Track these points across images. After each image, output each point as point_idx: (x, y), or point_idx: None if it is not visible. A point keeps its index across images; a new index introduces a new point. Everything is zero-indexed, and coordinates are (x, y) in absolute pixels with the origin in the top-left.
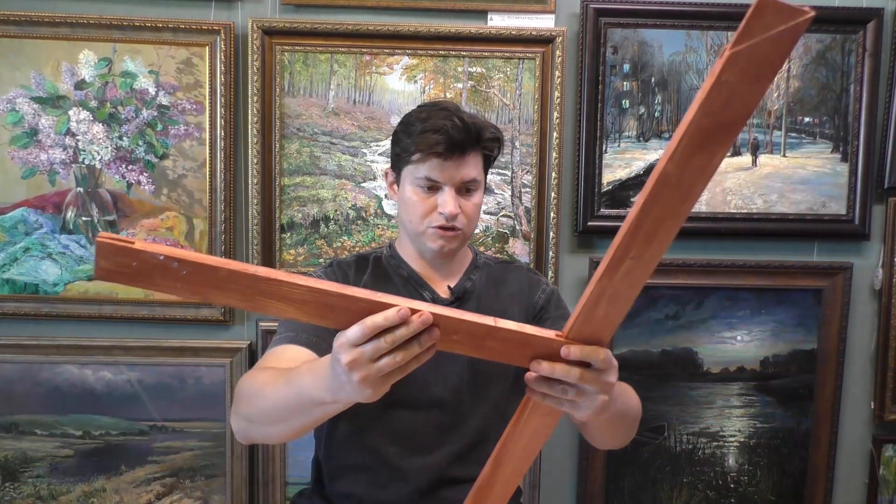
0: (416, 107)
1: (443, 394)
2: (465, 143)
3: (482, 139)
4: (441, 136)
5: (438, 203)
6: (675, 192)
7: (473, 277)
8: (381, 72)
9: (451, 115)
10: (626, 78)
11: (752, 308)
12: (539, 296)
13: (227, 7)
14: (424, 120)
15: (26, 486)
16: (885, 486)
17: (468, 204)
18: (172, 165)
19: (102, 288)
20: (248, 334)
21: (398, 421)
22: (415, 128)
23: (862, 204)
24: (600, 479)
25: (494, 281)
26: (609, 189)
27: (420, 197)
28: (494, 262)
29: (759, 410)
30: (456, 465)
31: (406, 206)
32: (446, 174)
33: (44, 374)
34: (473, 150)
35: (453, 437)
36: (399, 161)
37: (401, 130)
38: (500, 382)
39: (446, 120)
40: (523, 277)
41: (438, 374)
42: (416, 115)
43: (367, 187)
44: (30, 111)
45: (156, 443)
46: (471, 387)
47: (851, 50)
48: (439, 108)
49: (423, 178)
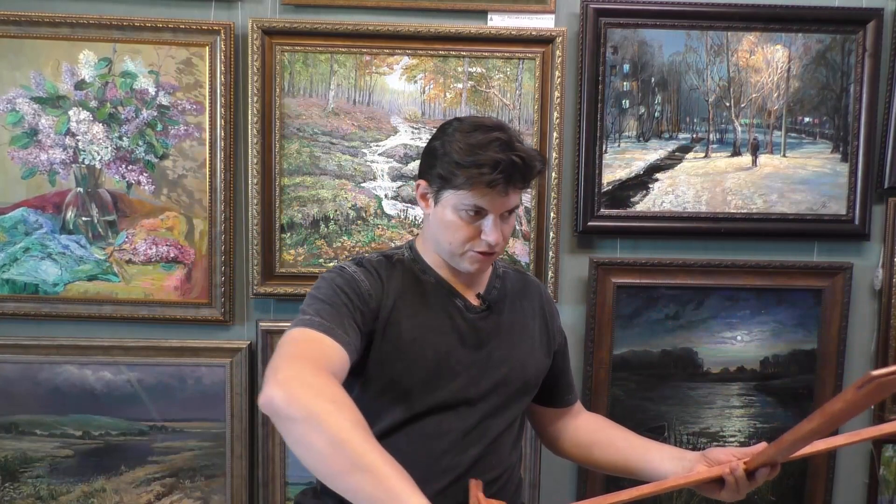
0: (460, 122)
1: (476, 404)
2: (521, 180)
3: (534, 173)
4: (499, 176)
5: (483, 230)
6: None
7: (497, 286)
8: (381, 72)
9: (505, 147)
10: (626, 78)
11: (752, 308)
12: (557, 327)
13: (227, 7)
14: (476, 148)
15: (26, 486)
16: (885, 486)
17: (507, 227)
18: (172, 165)
19: (102, 288)
20: (248, 334)
21: (426, 426)
22: (466, 157)
23: (862, 204)
24: (600, 480)
25: (516, 291)
26: (609, 189)
27: (464, 222)
28: (511, 270)
29: (759, 410)
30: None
31: (446, 227)
32: (496, 205)
33: (44, 374)
34: (525, 184)
35: (475, 440)
36: (442, 182)
37: (447, 153)
38: (526, 395)
39: (502, 154)
40: (541, 295)
41: (481, 378)
42: (464, 138)
43: (366, 187)
44: (30, 111)
45: (156, 443)
46: (507, 389)
47: (851, 50)
48: (492, 135)
49: (471, 205)
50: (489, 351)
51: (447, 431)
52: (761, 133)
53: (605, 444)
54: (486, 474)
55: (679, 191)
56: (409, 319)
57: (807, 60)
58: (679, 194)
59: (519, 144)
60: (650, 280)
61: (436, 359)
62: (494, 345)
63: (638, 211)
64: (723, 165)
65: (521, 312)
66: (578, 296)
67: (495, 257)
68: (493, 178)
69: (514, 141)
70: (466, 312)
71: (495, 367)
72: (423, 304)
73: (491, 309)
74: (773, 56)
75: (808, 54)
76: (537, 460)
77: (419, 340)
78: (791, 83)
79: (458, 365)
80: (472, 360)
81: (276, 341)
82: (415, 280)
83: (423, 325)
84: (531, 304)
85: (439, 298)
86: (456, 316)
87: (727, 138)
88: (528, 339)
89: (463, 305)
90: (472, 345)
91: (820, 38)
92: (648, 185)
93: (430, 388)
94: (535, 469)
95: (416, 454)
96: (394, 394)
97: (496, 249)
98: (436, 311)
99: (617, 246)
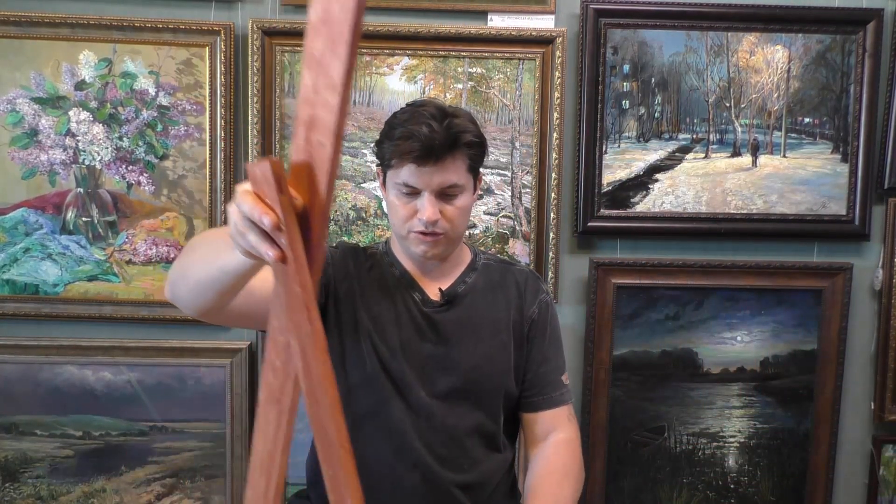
0: (404, 105)
1: (433, 399)
2: (441, 149)
3: (459, 143)
4: (416, 143)
5: (418, 208)
6: None
7: (468, 280)
8: (381, 72)
9: (428, 119)
10: (625, 78)
11: (752, 308)
12: (533, 309)
13: (227, 7)
14: (403, 123)
15: (26, 486)
16: (885, 487)
17: (450, 208)
18: (172, 166)
19: (102, 288)
20: (248, 335)
21: (390, 418)
22: (394, 132)
23: (862, 204)
24: (600, 480)
25: (491, 284)
26: (609, 190)
27: (401, 202)
28: (496, 262)
29: (759, 411)
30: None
31: (391, 210)
32: (423, 180)
33: (44, 374)
34: (451, 155)
35: (440, 438)
36: (382, 164)
37: (383, 132)
38: (494, 396)
39: (422, 125)
40: (523, 281)
41: (432, 379)
42: (398, 116)
43: (366, 188)
44: (30, 112)
45: (156, 443)
46: (468, 388)
47: (851, 50)
48: (420, 110)
49: (401, 183)
50: (450, 347)
51: (409, 424)
52: (761, 133)
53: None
54: (459, 475)
55: (679, 191)
56: (368, 309)
57: (807, 61)
58: (679, 195)
59: (449, 117)
60: (650, 280)
61: (390, 348)
62: (456, 340)
63: (638, 211)
64: (723, 166)
65: (493, 306)
66: (578, 296)
67: (443, 240)
68: (410, 147)
69: (439, 114)
70: (423, 306)
71: (455, 364)
72: (385, 295)
73: (451, 304)
74: (773, 56)
75: (808, 55)
76: None
77: (376, 329)
78: (791, 84)
79: (414, 357)
80: (430, 354)
81: None
82: (381, 272)
83: (381, 315)
84: (506, 295)
85: (399, 290)
86: (413, 308)
87: (727, 139)
88: (497, 335)
89: (420, 299)
90: (431, 339)
91: (820, 38)
92: (648, 186)
93: (387, 375)
94: None
95: (383, 446)
96: (357, 380)
97: (437, 230)
98: (395, 303)
99: (617, 246)
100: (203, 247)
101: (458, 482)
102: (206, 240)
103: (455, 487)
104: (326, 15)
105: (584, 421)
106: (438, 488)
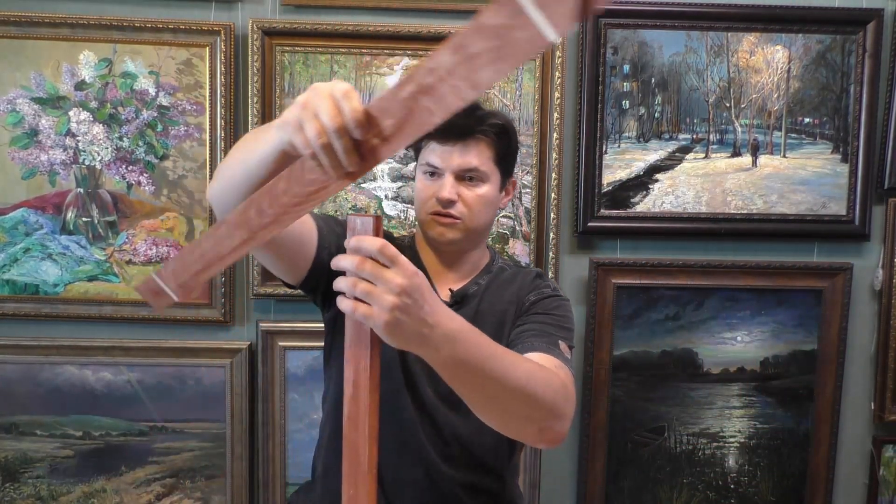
0: None
1: (437, 399)
2: (464, 127)
3: (483, 124)
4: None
5: (437, 189)
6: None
7: (481, 281)
8: (381, 73)
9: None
10: (626, 78)
11: (753, 309)
12: (530, 296)
13: (227, 8)
14: None
15: (26, 486)
16: (885, 487)
17: (469, 194)
18: (172, 166)
19: (102, 289)
20: (248, 335)
21: (395, 415)
22: None
23: (862, 205)
24: (600, 480)
25: (501, 284)
26: (609, 190)
27: (424, 184)
28: (511, 267)
29: (759, 411)
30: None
31: (415, 194)
32: (445, 160)
33: (44, 374)
34: (474, 138)
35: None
36: (415, 148)
37: None
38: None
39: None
40: (529, 278)
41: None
42: None
43: (367, 188)
44: (30, 112)
45: (156, 443)
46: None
47: (851, 51)
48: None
49: (425, 163)
50: None
51: (416, 420)
52: (761, 134)
53: None
54: (462, 474)
55: (679, 191)
56: None
57: (807, 61)
58: (679, 195)
59: (475, 105)
60: (650, 281)
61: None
62: None
63: (638, 211)
64: (723, 166)
65: (498, 303)
66: (578, 296)
67: (460, 226)
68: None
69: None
70: None
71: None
72: None
73: (460, 304)
74: (773, 57)
75: (808, 55)
76: (537, 460)
77: None
78: (791, 84)
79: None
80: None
81: (276, 342)
82: None
83: None
84: (512, 290)
85: None
86: None
87: (727, 139)
88: (501, 334)
89: None
90: None
91: (820, 38)
92: (648, 186)
93: (402, 365)
94: (534, 469)
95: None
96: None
97: (453, 212)
98: None
99: (617, 246)
100: (243, 141)
101: (462, 481)
102: (247, 135)
103: (458, 486)
104: (505, 33)
105: (584, 421)
106: (441, 486)
